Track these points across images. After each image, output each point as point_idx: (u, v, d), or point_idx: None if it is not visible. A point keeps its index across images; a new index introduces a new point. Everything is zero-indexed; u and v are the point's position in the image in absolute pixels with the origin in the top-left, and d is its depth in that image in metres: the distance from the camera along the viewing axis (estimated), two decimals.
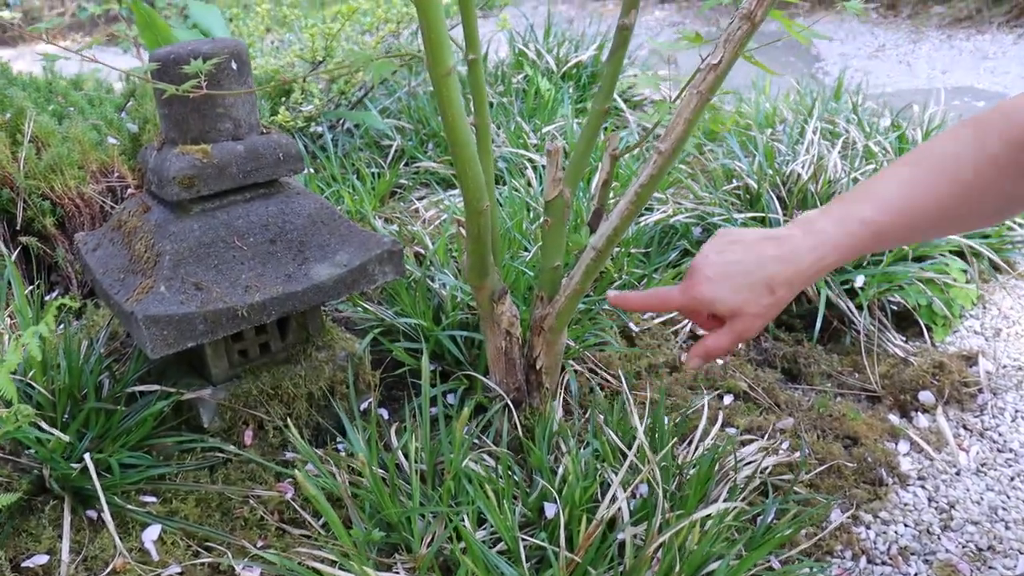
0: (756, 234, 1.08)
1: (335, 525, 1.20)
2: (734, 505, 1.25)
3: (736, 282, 1.05)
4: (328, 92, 2.84)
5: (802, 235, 1.04)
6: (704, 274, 1.07)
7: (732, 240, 1.08)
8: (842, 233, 1.03)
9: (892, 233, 1.05)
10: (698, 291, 1.07)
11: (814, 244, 1.03)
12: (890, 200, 1.03)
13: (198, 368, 1.50)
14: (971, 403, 1.80)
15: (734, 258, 1.06)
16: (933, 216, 1.05)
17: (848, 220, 1.03)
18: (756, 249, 1.05)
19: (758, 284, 1.05)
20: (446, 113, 1.09)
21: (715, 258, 1.07)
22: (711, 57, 1.15)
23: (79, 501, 1.33)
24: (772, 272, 1.04)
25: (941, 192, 1.03)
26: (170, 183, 1.35)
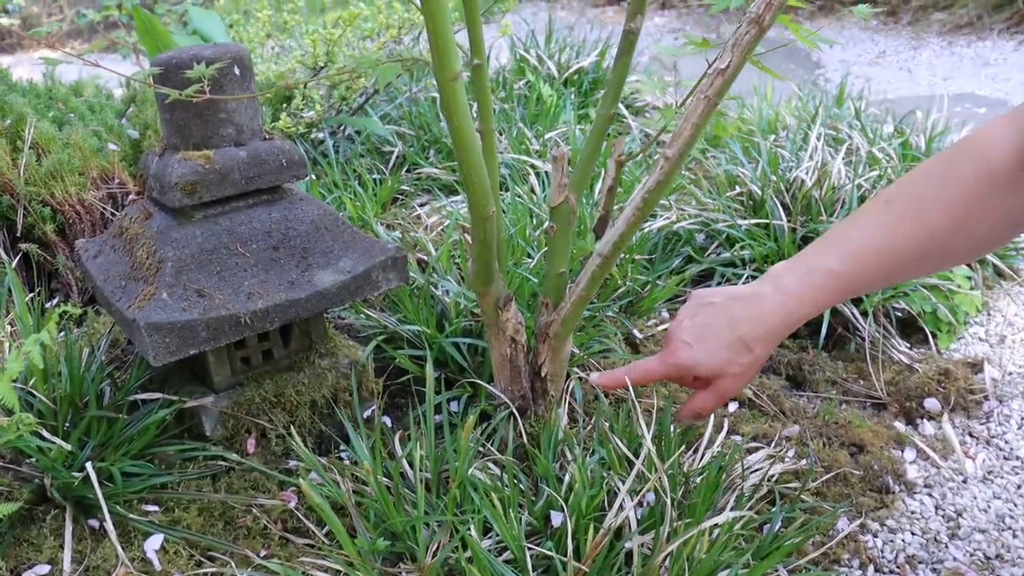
0: (726, 294, 1.09)
1: (339, 534, 1.19)
2: (742, 514, 1.23)
3: (712, 345, 1.07)
4: (329, 98, 2.83)
5: (771, 292, 1.05)
6: (681, 340, 1.09)
7: (703, 303, 1.10)
8: (808, 286, 1.04)
9: (863, 280, 1.06)
10: (677, 358, 1.09)
11: (782, 301, 1.05)
12: (859, 248, 1.04)
13: (200, 376, 1.49)
14: (977, 410, 1.79)
15: (707, 320, 1.08)
16: (906, 260, 1.05)
17: (814, 273, 1.04)
18: (727, 310, 1.07)
19: (734, 345, 1.06)
20: (452, 118, 1.08)
21: (688, 324, 1.09)
22: (719, 61, 1.15)
23: (81, 510, 1.31)
24: (744, 332, 1.05)
25: (913, 236, 1.03)
26: (172, 189, 1.34)
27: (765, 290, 1.06)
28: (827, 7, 6.45)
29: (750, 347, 1.06)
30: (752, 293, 1.07)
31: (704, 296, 1.12)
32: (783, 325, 1.06)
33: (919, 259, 1.05)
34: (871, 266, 1.04)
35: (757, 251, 2.05)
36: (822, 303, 1.06)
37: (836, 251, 1.05)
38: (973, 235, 1.02)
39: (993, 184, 0.98)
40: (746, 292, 1.08)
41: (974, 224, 1.01)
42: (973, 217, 1.00)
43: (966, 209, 1.00)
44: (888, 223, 1.03)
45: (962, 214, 1.00)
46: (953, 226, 1.01)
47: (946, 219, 1.00)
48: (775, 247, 2.05)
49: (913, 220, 1.02)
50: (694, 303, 1.12)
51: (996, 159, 0.98)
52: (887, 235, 1.03)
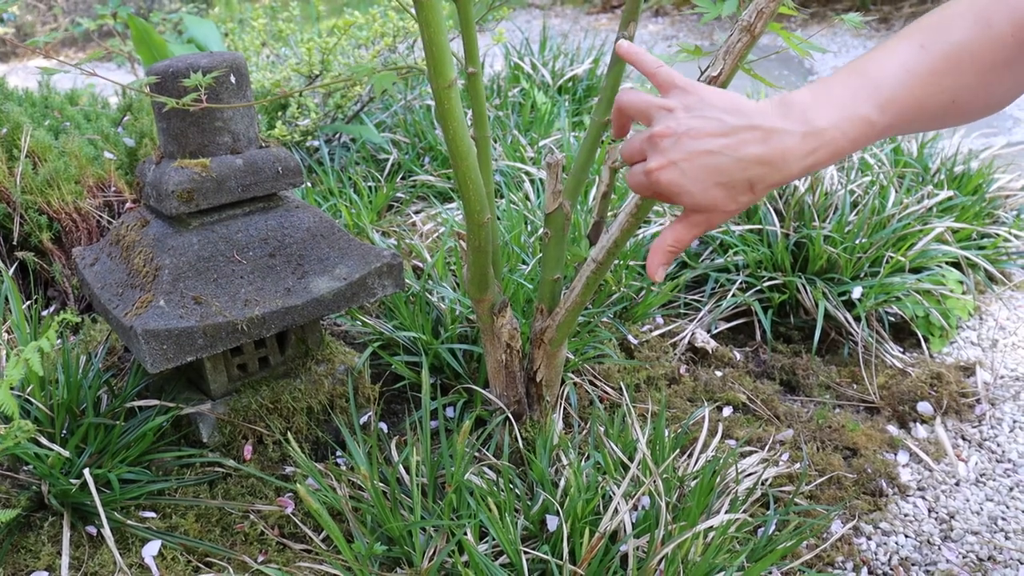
0: (738, 118, 0.90)
1: (337, 539, 1.19)
2: (736, 517, 1.24)
3: (709, 179, 0.90)
4: (325, 106, 2.84)
5: (801, 134, 0.89)
6: (669, 157, 0.90)
7: (710, 116, 0.91)
8: (844, 135, 0.90)
9: (893, 132, 0.94)
10: (660, 177, 0.90)
11: (813, 148, 0.90)
12: (899, 99, 0.91)
13: (197, 382, 1.50)
14: (969, 413, 1.80)
15: (711, 146, 0.89)
16: (931, 116, 0.94)
17: (853, 121, 0.90)
18: (739, 141, 0.89)
19: (738, 184, 0.90)
20: (447, 125, 1.09)
21: (688, 142, 0.90)
22: (711, 69, 1.16)
23: (78, 517, 1.32)
24: (755, 176, 0.90)
25: (945, 95, 0.92)
26: (169, 197, 1.35)
27: (791, 128, 0.90)
28: (819, 14, 6.48)
29: (754, 189, 0.91)
30: (774, 128, 0.90)
31: (710, 102, 0.91)
32: (802, 173, 0.92)
33: (941, 117, 0.95)
34: (905, 119, 0.92)
35: (750, 256, 2.06)
36: (851, 152, 0.93)
37: (875, 98, 0.91)
38: (990, 96, 0.94)
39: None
40: (766, 123, 0.90)
41: (997, 86, 0.93)
42: (999, 79, 0.92)
43: (996, 72, 0.91)
44: (925, 74, 0.91)
45: (991, 78, 0.91)
46: (979, 87, 0.92)
47: (976, 81, 0.91)
48: (768, 252, 2.06)
49: (948, 76, 0.91)
50: (697, 106, 0.92)
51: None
52: (923, 87, 0.90)
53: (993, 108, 1.01)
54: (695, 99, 0.91)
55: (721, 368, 1.90)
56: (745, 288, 2.07)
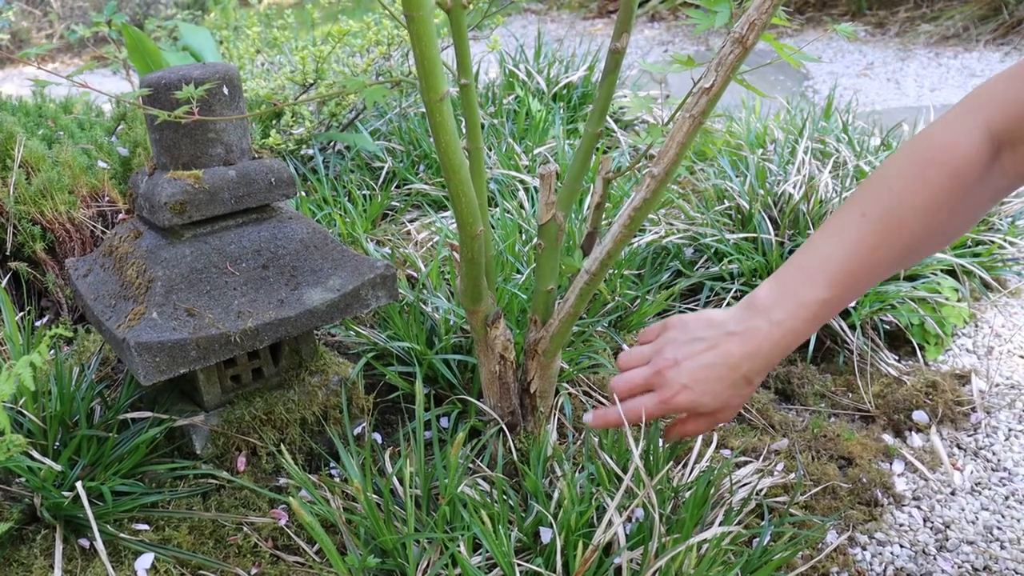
0: (714, 327, 1.10)
1: (330, 552, 1.19)
2: (731, 529, 1.24)
3: (716, 386, 1.09)
4: (319, 114, 2.84)
5: (766, 328, 1.07)
6: (679, 383, 1.09)
7: (693, 337, 1.11)
8: (802, 319, 1.06)
9: (851, 299, 1.09)
10: (677, 402, 1.10)
11: (779, 336, 1.07)
12: (845, 271, 1.06)
13: (190, 394, 1.49)
14: (964, 422, 1.80)
15: (705, 362, 1.09)
16: (886, 271, 1.08)
17: (806, 305, 1.07)
18: (724, 350, 1.08)
19: (738, 383, 1.09)
20: (439, 138, 1.08)
21: (687, 365, 1.10)
22: (703, 81, 1.16)
23: (71, 530, 1.32)
24: (747, 370, 1.08)
25: (894, 249, 1.05)
26: (161, 209, 1.35)
27: (759, 325, 1.08)
28: (815, 20, 6.49)
29: (751, 381, 1.09)
30: (745, 330, 1.09)
31: (691, 328, 1.12)
32: (780, 356, 1.09)
33: (897, 267, 1.08)
34: (858, 285, 1.07)
35: (745, 265, 2.06)
36: (814, 329, 1.09)
37: (823, 278, 1.07)
38: (945, 233, 1.05)
39: (964, 186, 1.00)
40: (738, 328, 1.09)
41: (947, 224, 1.03)
42: (947, 219, 1.02)
43: (941, 214, 1.01)
44: (868, 239, 1.05)
45: (937, 219, 1.02)
46: (929, 232, 1.03)
47: (923, 227, 1.02)
48: (763, 261, 2.06)
49: (893, 233, 1.03)
50: (681, 336, 1.12)
51: (963, 160, 0.99)
52: (870, 252, 1.05)
53: (954, 237, 1.11)
54: (676, 331, 1.13)
55: None
56: (740, 297, 2.07)
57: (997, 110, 0.99)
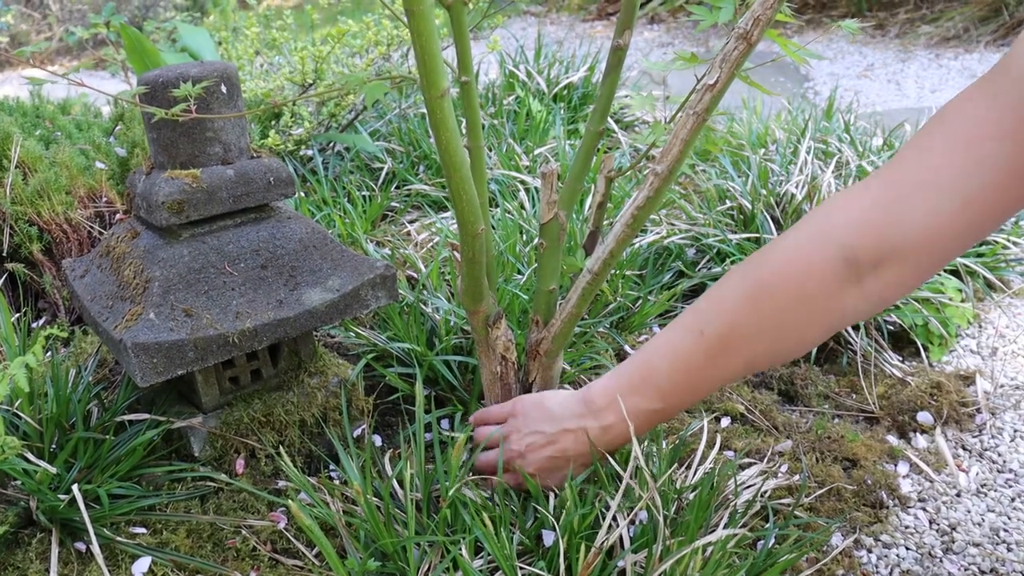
0: (554, 426, 1.26)
1: (329, 556, 1.17)
2: (736, 532, 1.22)
3: (556, 473, 1.28)
4: (318, 115, 2.83)
5: (597, 430, 1.22)
6: (528, 469, 1.28)
7: (535, 431, 1.28)
8: (632, 427, 1.19)
9: (685, 405, 1.21)
10: (532, 478, 1.27)
11: (609, 440, 1.23)
12: (678, 387, 1.15)
13: (188, 396, 1.48)
14: (969, 423, 1.79)
15: (545, 455, 1.27)
16: (725, 382, 1.16)
17: (637, 415, 1.19)
18: (560, 447, 1.25)
19: (576, 466, 1.28)
20: (440, 136, 1.07)
21: (531, 457, 1.28)
22: (707, 78, 1.14)
23: (67, 533, 1.30)
24: (581, 461, 1.27)
25: (733, 367, 1.11)
26: (159, 208, 1.33)
27: (590, 425, 1.22)
28: (815, 21, 6.48)
29: (586, 465, 1.28)
30: (578, 428, 1.23)
31: (532, 420, 1.29)
32: (612, 449, 1.26)
33: (738, 378, 1.20)
34: (693, 396, 1.17)
35: None
36: (647, 431, 1.24)
37: (655, 392, 1.16)
38: (787, 354, 1.10)
39: (813, 308, 1.01)
40: (572, 426, 1.24)
41: (797, 342, 1.07)
42: (796, 338, 1.05)
43: (789, 334, 1.04)
44: (704, 358, 1.09)
45: (786, 339, 1.05)
46: (773, 350, 1.07)
47: (766, 347, 1.06)
48: None
49: (732, 352, 1.07)
50: (524, 428, 1.29)
51: (814, 286, 1.00)
52: (706, 369, 1.10)
53: (804, 351, 1.14)
54: (520, 420, 1.30)
55: None
56: None
57: (856, 234, 0.97)
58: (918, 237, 0.94)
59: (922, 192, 0.93)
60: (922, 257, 0.96)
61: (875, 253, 0.96)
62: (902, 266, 0.96)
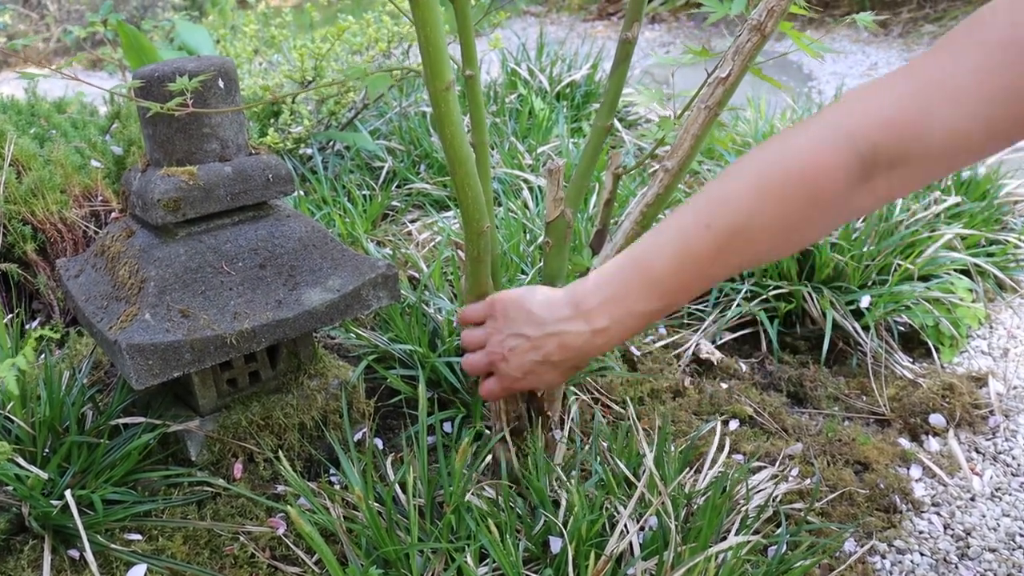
0: (537, 329, 1.15)
1: (329, 563, 1.14)
2: (750, 538, 1.19)
3: (543, 376, 1.18)
4: (318, 113, 2.79)
5: (588, 334, 1.11)
6: (511, 375, 1.19)
7: (516, 333, 1.17)
8: (627, 330, 1.10)
9: (677, 305, 1.11)
10: (515, 387, 1.21)
11: (601, 342, 1.11)
12: (680, 285, 1.06)
13: (185, 399, 1.44)
14: (982, 425, 1.75)
15: (530, 359, 1.16)
16: (722, 280, 1.15)
17: (634, 316, 1.08)
18: (545, 351, 1.14)
19: (564, 369, 1.17)
20: (444, 129, 1.04)
21: (515, 361, 1.17)
22: (719, 70, 1.11)
23: (60, 540, 1.26)
24: (570, 364, 1.16)
25: (738, 265, 1.05)
26: (155, 206, 1.30)
27: (580, 329, 1.11)
28: (817, 21, 6.45)
29: (579, 366, 1.18)
30: (564, 332, 1.12)
31: (513, 321, 1.18)
32: (598, 354, 1.17)
33: (732, 274, 1.17)
34: (689, 295, 1.08)
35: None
36: (635, 333, 1.17)
37: (657, 289, 1.06)
38: (792, 248, 1.05)
39: (822, 206, 0.96)
40: (557, 329, 1.13)
41: (797, 241, 1.02)
42: (798, 237, 1.01)
43: (793, 233, 1.00)
44: (711, 253, 1.03)
45: (788, 237, 1.01)
46: (777, 248, 1.02)
47: (771, 245, 1.02)
48: None
49: (738, 250, 1.02)
50: (505, 329, 1.18)
51: (826, 181, 0.95)
52: (709, 266, 1.03)
53: (808, 244, 1.12)
54: (500, 321, 1.19)
55: (727, 380, 1.85)
56: (750, 297, 2.02)
57: (872, 128, 0.93)
58: (942, 142, 0.89)
59: (952, 96, 0.89)
60: (939, 162, 0.92)
61: (894, 153, 0.92)
62: (916, 168, 0.92)
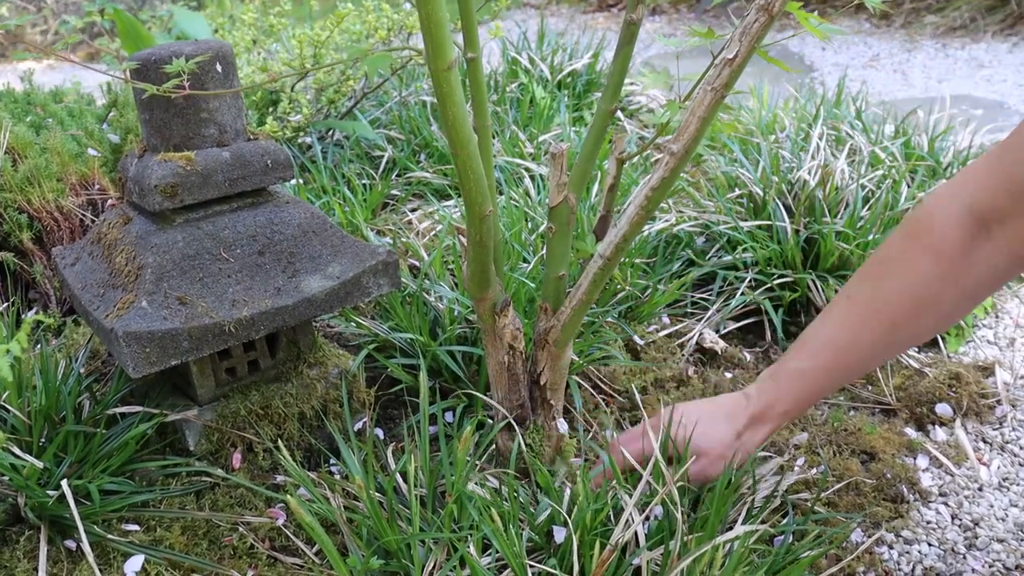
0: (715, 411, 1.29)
1: (330, 553, 1.12)
2: (758, 528, 1.17)
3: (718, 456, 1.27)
4: (317, 102, 2.77)
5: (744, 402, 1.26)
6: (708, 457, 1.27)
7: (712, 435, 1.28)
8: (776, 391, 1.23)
9: (831, 375, 1.19)
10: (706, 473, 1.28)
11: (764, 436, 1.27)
12: (824, 343, 1.15)
13: (183, 388, 1.42)
14: (989, 415, 1.73)
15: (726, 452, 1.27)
16: (874, 350, 1.16)
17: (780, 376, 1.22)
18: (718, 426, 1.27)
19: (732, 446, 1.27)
20: (446, 111, 1.01)
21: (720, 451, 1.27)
22: (726, 52, 1.09)
23: (56, 531, 1.24)
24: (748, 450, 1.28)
25: (877, 328, 1.12)
26: (152, 192, 1.28)
27: (740, 401, 1.26)
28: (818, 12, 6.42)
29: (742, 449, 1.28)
30: (734, 404, 1.27)
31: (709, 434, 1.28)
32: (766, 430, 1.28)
33: (886, 346, 1.15)
34: (840, 360, 1.14)
35: (760, 253, 1.99)
36: (791, 402, 1.24)
37: (804, 350, 1.16)
38: (937, 313, 1.09)
39: (946, 262, 1.04)
40: (728, 405, 1.28)
41: (935, 304, 1.07)
42: (932, 299, 1.07)
43: (924, 293, 1.06)
44: (851, 317, 1.11)
45: (921, 298, 1.07)
46: (914, 311, 1.08)
47: (907, 308, 1.08)
48: (778, 249, 1.99)
49: (875, 312, 1.09)
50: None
51: (941, 239, 1.04)
52: (852, 328, 1.11)
53: (952, 318, 1.17)
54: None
55: (731, 369, 1.83)
56: (754, 286, 2.00)
57: (979, 187, 1.03)
58: None
59: None
60: None
61: (999, 204, 1.00)
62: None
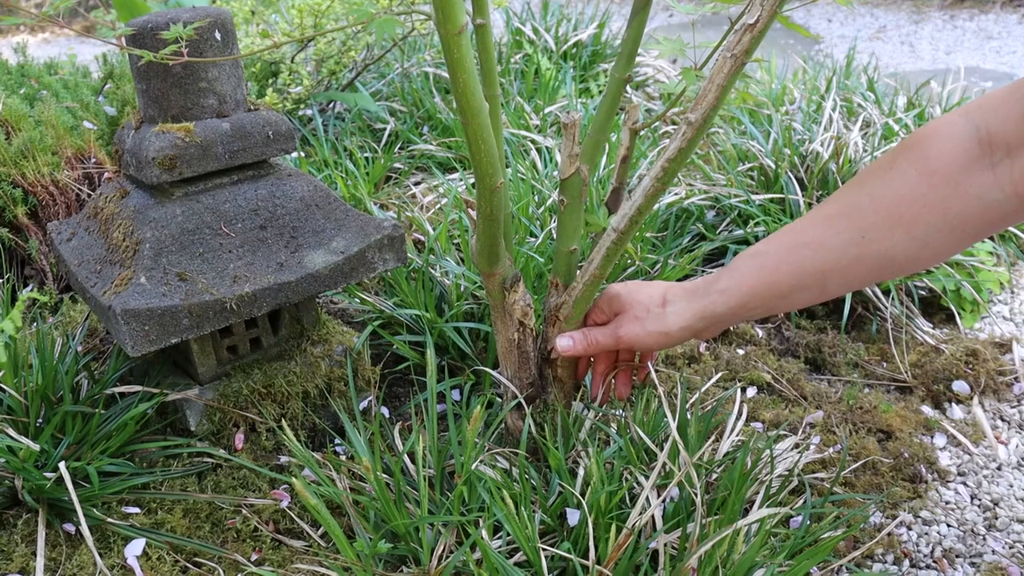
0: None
1: (336, 536, 1.08)
2: (778, 510, 1.13)
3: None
4: (317, 74, 2.72)
5: (697, 304, 1.15)
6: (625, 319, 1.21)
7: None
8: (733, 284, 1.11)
9: (792, 277, 1.07)
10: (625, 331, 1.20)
11: (694, 313, 1.15)
12: (790, 243, 1.06)
13: (183, 366, 1.39)
14: (1007, 393, 1.70)
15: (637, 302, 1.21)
16: (840, 259, 1.06)
17: (737, 270, 1.12)
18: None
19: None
20: (456, 77, 0.97)
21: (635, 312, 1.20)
22: (747, 16, 1.04)
23: (55, 514, 1.21)
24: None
25: (846, 234, 1.03)
26: (149, 164, 1.23)
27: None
28: None
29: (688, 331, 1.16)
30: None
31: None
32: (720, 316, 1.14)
33: (853, 259, 1.03)
34: (800, 254, 1.05)
35: (772, 228, 1.95)
36: (734, 283, 1.11)
37: (771, 239, 1.08)
38: (910, 233, 0.99)
39: (936, 182, 0.95)
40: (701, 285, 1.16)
41: (911, 221, 0.98)
42: (909, 214, 0.97)
43: (902, 206, 0.97)
44: (826, 218, 1.03)
45: (897, 212, 0.98)
46: (887, 223, 0.99)
47: (880, 217, 0.99)
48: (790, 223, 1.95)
49: (846, 217, 1.01)
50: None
51: (936, 156, 0.95)
52: (820, 226, 1.03)
53: (929, 249, 1.02)
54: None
55: (743, 346, 1.80)
56: None
57: (993, 110, 0.94)
58: None
59: None
60: None
61: (1011, 129, 0.91)
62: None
